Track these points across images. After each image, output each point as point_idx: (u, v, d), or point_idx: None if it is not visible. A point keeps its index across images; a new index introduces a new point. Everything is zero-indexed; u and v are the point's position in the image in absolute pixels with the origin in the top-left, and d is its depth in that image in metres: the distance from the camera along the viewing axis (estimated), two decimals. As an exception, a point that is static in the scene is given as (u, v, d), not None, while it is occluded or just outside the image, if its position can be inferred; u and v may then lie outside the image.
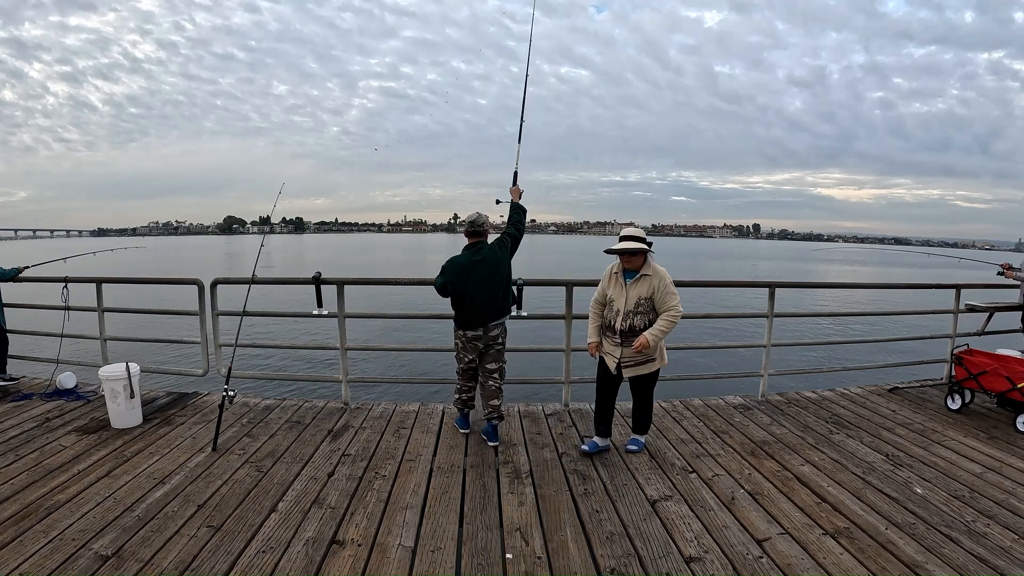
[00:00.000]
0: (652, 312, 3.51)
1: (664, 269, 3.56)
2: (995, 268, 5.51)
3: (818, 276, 43.15)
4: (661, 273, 3.52)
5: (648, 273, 3.51)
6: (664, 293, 3.48)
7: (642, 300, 3.48)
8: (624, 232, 3.54)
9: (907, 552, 2.61)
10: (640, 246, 3.48)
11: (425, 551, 2.59)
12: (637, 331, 3.47)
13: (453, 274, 3.78)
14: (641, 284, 3.51)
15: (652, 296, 3.49)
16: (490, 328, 3.82)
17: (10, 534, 2.62)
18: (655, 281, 3.50)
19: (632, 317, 3.49)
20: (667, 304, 3.48)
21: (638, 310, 3.49)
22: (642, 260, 3.52)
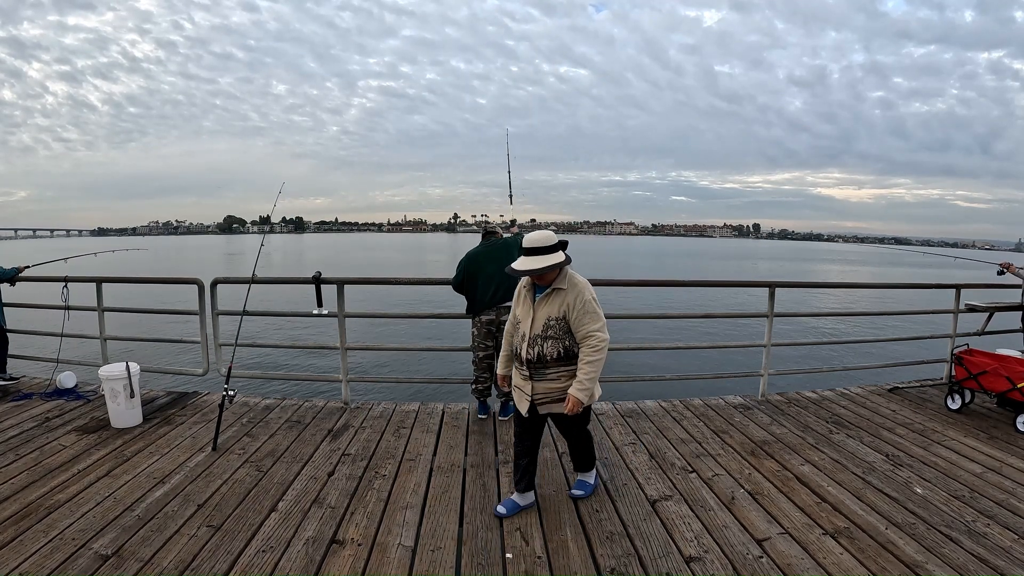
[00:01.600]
0: (567, 336, 2.74)
1: (585, 281, 2.80)
2: (993, 267, 5.50)
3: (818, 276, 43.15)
4: (579, 286, 2.74)
5: (561, 287, 2.74)
6: (581, 313, 2.69)
7: (552, 321, 2.72)
8: (527, 241, 2.75)
9: (907, 552, 2.60)
10: (545, 263, 2.68)
11: (425, 550, 2.59)
12: (548, 361, 2.74)
13: (469, 260, 4.23)
14: (551, 301, 2.74)
15: (566, 316, 2.72)
16: (502, 311, 4.17)
17: (10, 534, 2.62)
18: (569, 297, 2.71)
19: (540, 343, 2.73)
20: (585, 329, 2.69)
21: (547, 334, 2.72)
22: (554, 273, 2.77)
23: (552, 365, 2.75)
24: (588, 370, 2.69)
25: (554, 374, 2.76)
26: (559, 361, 2.74)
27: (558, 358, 2.74)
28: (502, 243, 4.29)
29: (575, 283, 2.76)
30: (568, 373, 2.75)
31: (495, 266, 4.12)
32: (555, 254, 2.72)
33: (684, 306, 16.30)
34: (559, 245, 2.76)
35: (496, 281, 4.14)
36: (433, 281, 5.62)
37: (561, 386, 2.75)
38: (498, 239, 4.35)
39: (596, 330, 2.71)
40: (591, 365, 2.69)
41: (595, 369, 2.70)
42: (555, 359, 2.74)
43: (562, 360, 2.74)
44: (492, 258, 4.17)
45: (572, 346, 2.75)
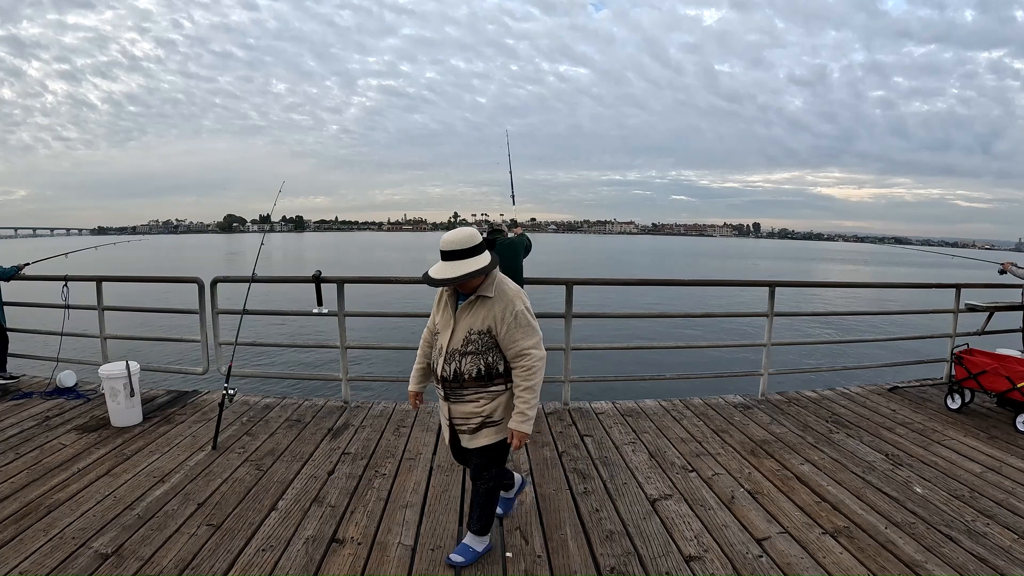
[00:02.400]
0: (491, 352, 2.30)
1: (518, 289, 2.38)
2: (992, 267, 5.50)
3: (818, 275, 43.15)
4: (510, 295, 2.31)
5: (487, 295, 2.30)
6: (511, 327, 2.26)
7: (473, 335, 2.30)
8: (443, 243, 2.30)
9: (907, 551, 2.61)
10: (464, 270, 2.24)
11: (425, 549, 2.59)
12: (465, 380, 2.31)
13: None
14: (475, 311, 2.31)
15: (491, 329, 2.29)
16: None
17: (10, 532, 2.62)
18: (497, 308, 2.28)
19: (459, 360, 2.31)
20: (517, 346, 2.27)
21: (467, 349, 2.30)
22: (478, 279, 2.32)
23: (470, 385, 2.32)
24: (527, 397, 2.26)
25: (472, 395, 2.33)
26: (478, 381, 2.32)
27: (478, 377, 2.31)
28: (507, 242, 4.38)
29: (505, 291, 2.31)
30: (489, 395, 2.32)
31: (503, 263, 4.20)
32: (477, 258, 2.28)
33: (684, 305, 16.30)
34: (483, 246, 2.34)
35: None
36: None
37: (479, 410, 2.33)
38: (504, 238, 4.43)
39: (531, 347, 2.28)
40: (530, 391, 2.26)
41: (534, 396, 2.28)
42: (474, 378, 2.31)
43: (482, 380, 2.31)
44: (499, 255, 4.26)
45: (496, 363, 2.31)
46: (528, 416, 2.29)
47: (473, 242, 2.29)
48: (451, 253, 2.27)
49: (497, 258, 2.38)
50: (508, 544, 2.64)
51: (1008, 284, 5.46)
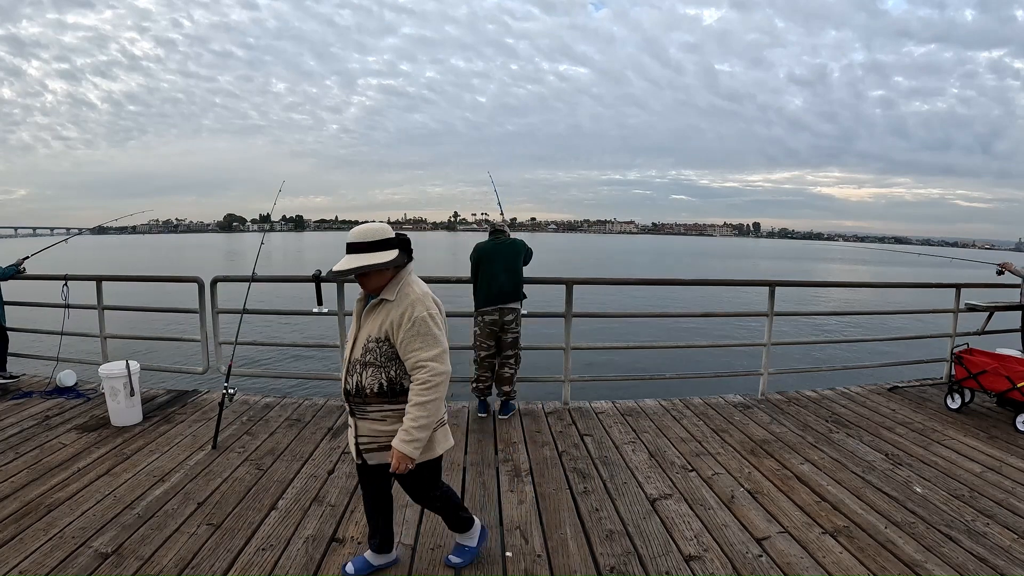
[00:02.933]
0: (393, 365, 2.09)
1: (425, 292, 2.15)
2: (990, 267, 5.49)
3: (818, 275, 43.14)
4: (412, 298, 2.08)
5: (388, 298, 2.10)
6: (409, 334, 2.04)
7: (371, 343, 2.09)
8: (350, 235, 2.13)
9: (906, 551, 2.61)
10: (362, 262, 2.06)
11: (425, 549, 2.59)
12: (367, 395, 2.11)
13: (478, 253, 4.35)
14: (376, 316, 2.12)
15: (389, 337, 2.08)
16: (505, 311, 4.25)
17: (10, 532, 2.62)
18: (395, 312, 2.07)
19: (359, 371, 2.11)
20: (414, 357, 2.05)
21: (367, 360, 2.10)
22: (385, 277, 2.12)
23: (373, 401, 2.10)
24: (417, 415, 2.02)
25: (376, 412, 2.11)
26: (382, 397, 2.09)
27: (380, 393, 2.09)
28: (509, 242, 4.39)
29: (407, 294, 2.09)
30: (396, 414, 2.10)
31: (499, 264, 4.25)
32: (380, 253, 2.08)
33: (684, 305, 16.29)
34: (393, 243, 2.13)
35: (499, 280, 4.23)
36: (433, 280, 5.62)
37: (387, 429, 2.11)
38: (506, 238, 4.43)
39: (429, 359, 2.03)
40: (421, 408, 2.02)
41: (427, 413, 2.03)
42: (376, 394, 2.09)
43: (385, 396, 2.09)
44: (498, 254, 4.30)
45: (400, 378, 2.09)
46: (413, 436, 2.02)
47: (379, 236, 2.10)
48: (354, 245, 2.09)
49: (405, 258, 2.15)
50: (508, 544, 2.65)
51: (1008, 284, 5.46)
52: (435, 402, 2.05)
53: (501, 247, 4.34)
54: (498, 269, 4.25)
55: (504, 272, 4.25)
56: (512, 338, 4.33)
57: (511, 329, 4.30)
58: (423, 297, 2.11)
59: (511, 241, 4.40)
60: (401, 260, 2.13)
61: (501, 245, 4.36)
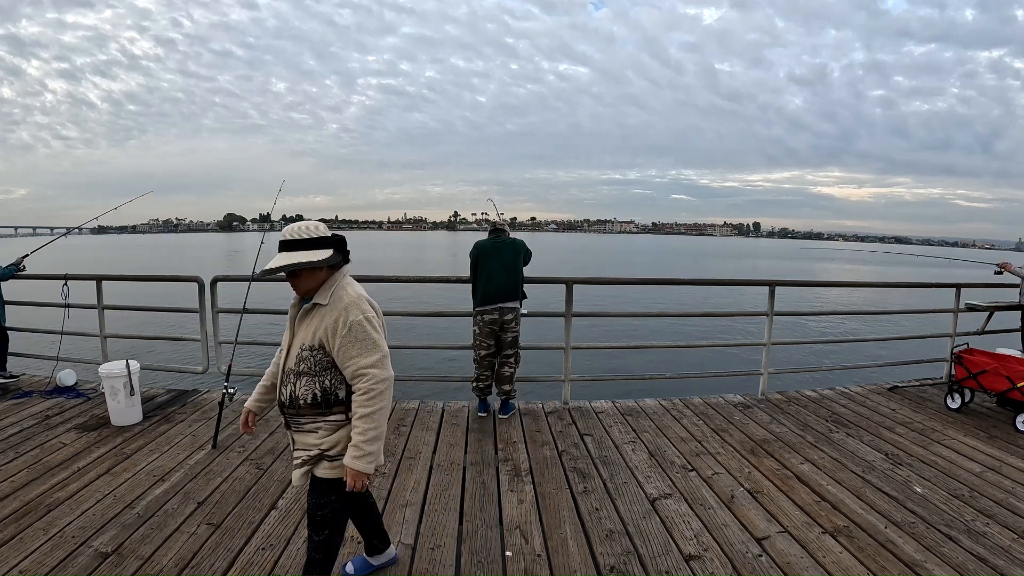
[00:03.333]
0: (329, 374, 1.94)
1: (360, 295, 1.99)
2: (988, 267, 5.49)
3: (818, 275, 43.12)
4: (347, 302, 1.93)
5: (321, 302, 1.95)
6: (345, 341, 1.89)
7: (305, 351, 1.94)
8: (283, 232, 1.99)
9: (906, 551, 2.61)
10: (291, 260, 1.91)
11: (425, 548, 2.59)
12: (300, 406, 1.95)
13: (479, 250, 4.36)
14: (309, 322, 1.97)
15: (323, 344, 1.92)
16: (504, 311, 4.25)
17: (10, 531, 2.62)
18: (329, 318, 1.92)
19: (293, 381, 1.96)
20: (353, 364, 1.89)
21: (300, 369, 1.95)
22: (318, 279, 1.98)
23: (306, 413, 1.95)
24: (365, 428, 1.87)
25: (310, 424, 1.97)
26: (315, 408, 1.94)
27: (314, 403, 1.94)
28: (509, 241, 4.39)
29: (342, 297, 1.94)
30: (329, 426, 1.95)
31: (498, 263, 4.26)
32: (315, 251, 1.93)
33: (684, 305, 16.29)
34: (328, 242, 1.98)
35: (497, 279, 4.23)
36: (433, 279, 5.62)
37: (319, 442, 1.96)
38: (505, 237, 4.43)
39: (368, 365, 1.88)
40: (368, 420, 1.87)
41: (375, 425, 1.89)
42: (309, 405, 1.94)
43: (319, 406, 1.94)
44: (497, 253, 4.31)
45: (335, 388, 1.94)
46: (365, 451, 1.88)
47: (314, 233, 1.96)
48: (287, 243, 1.94)
49: (339, 259, 2.01)
50: (508, 543, 2.64)
51: (1008, 284, 5.46)
52: (382, 411, 1.90)
53: (500, 246, 4.34)
54: (497, 268, 4.26)
55: (503, 271, 4.26)
56: (512, 337, 4.33)
57: (510, 328, 4.30)
58: (357, 300, 1.96)
59: (511, 240, 4.40)
60: (335, 260, 1.98)
61: (500, 244, 4.36)
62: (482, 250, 4.35)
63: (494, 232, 4.46)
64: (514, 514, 2.91)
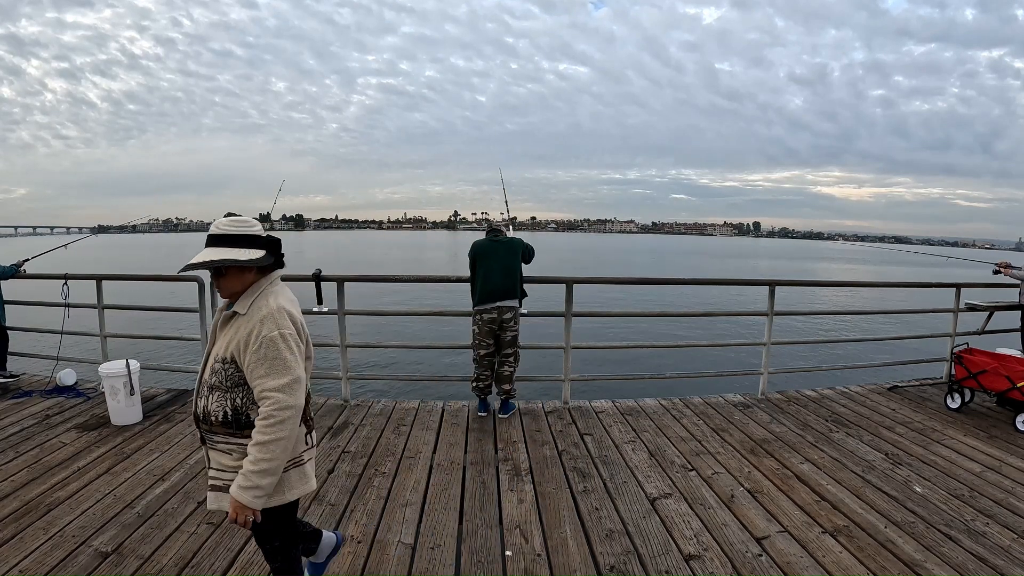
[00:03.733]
0: (240, 391, 1.74)
1: (280, 308, 1.75)
2: (988, 267, 5.48)
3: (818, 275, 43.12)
4: (265, 312, 1.73)
5: (240, 311, 1.76)
6: (256, 357, 1.70)
7: (217, 363, 1.76)
8: (213, 226, 1.82)
9: (906, 551, 2.61)
10: (214, 256, 1.74)
11: (425, 548, 2.59)
12: (212, 423, 1.76)
13: (477, 250, 4.38)
14: (227, 331, 1.78)
15: (235, 358, 1.73)
16: (504, 310, 4.25)
17: (10, 531, 2.62)
18: (244, 330, 1.73)
19: (207, 395, 1.77)
20: (260, 385, 1.69)
21: (213, 381, 1.76)
22: (245, 281, 1.79)
23: (219, 431, 1.76)
24: (257, 456, 1.67)
25: (223, 444, 1.77)
26: (227, 427, 1.75)
27: (225, 422, 1.74)
28: (507, 240, 4.40)
29: (261, 307, 1.74)
30: (241, 449, 1.74)
31: (495, 262, 4.26)
32: (244, 250, 1.75)
33: (684, 304, 16.31)
34: (259, 242, 1.79)
35: (494, 278, 4.24)
36: (433, 279, 5.62)
37: (235, 464, 1.75)
38: (503, 236, 4.44)
39: (274, 389, 1.68)
40: (263, 449, 1.66)
41: (270, 456, 1.66)
42: (221, 423, 1.75)
43: (230, 426, 1.74)
44: (494, 253, 4.32)
45: (246, 407, 1.74)
46: (252, 483, 1.66)
47: (246, 230, 1.78)
48: (215, 237, 1.77)
49: (270, 261, 1.81)
50: (508, 543, 2.65)
51: (1008, 284, 5.46)
52: (280, 442, 1.67)
53: (498, 245, 4.35)
54: (495, 267, 4.27)
55: (500, 270, 4.27)
56: (511, 336, 4.33)
57: (510, 327, 4.30)
58: (276, 313, 1.73)
59: (508, 240, 4.41)
60: (267, 262, 1.79)
61: (498, 243, 4.36)
62: (480, 250, 4.36)
63: (492, 232, 4.47)
64: (514, 514, 2.91)
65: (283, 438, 1.68)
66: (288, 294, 1.87)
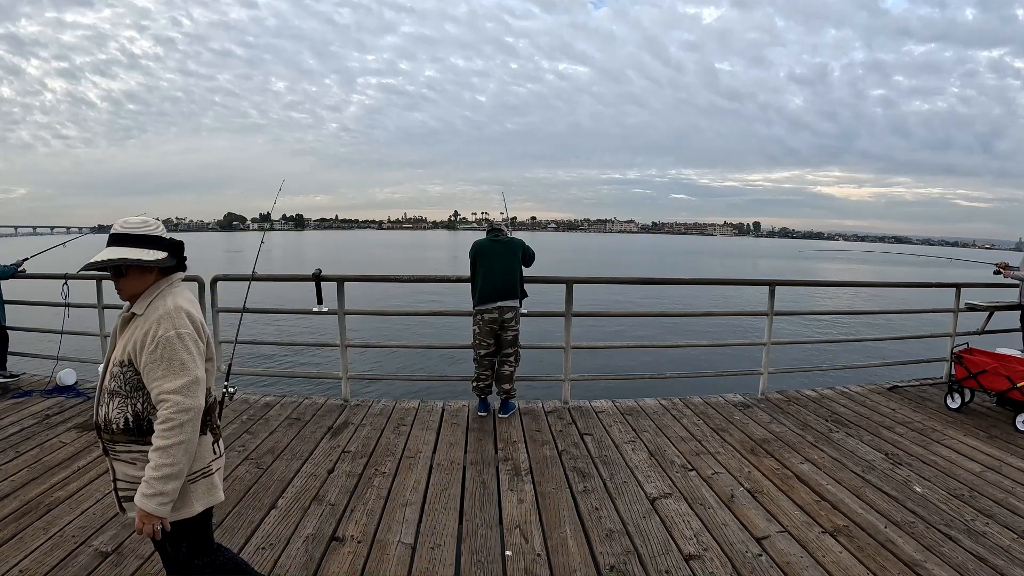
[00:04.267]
0: (140, 396, 1.68)
1: (178, 307, 1.70)
2: (988, 266, 5.48)
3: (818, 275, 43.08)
4: (162, 312, 1.67)
5: (137, 311, 1.70)
6: (151, 358, 1.64)
7: (115, 367, 1.70)
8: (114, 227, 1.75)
9: (906, 551, 2.61)
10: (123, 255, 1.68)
11: (425, 548, 2.59)
12: (114, 431, 1.68)
13: (477, 250, 4.39)
14: (125, 334, 1.72)
15: (132, 361, 1.67)
16: (504, 310, 4.26)
17: (10, 531, 2.62)
18: (140, 331, 1.67)
19: (107, 402, 1.70)
20: (156, 387, 1.63)
21: (113, 387, 1.69)
22: (144, 283, 1.73)
23: (121, 439, 1.69)
24: (158, 462, 1.60)
25: (126, 453, 1.70)
26: (128, 435, 1.68)
27: (126, 429, 1.67)
28: (507, 240, 4.41)
29: (158, 307, 1.68)
30: (146, 457, 1.65)
31: (495, 262, 4.27)
32: (145, 250, 1.70)
33: (684, 304, 16.30)
34: (164, 244, 1.74)
35: (494, 277, 4.25)
36: (433, 279, 5.62)
37: (140, 474, 1.66)
38: (504, 236, 4.44)
39: (171, 391, 1.62)
40: (163, 455, 1.60)
41: (171, 461, 1.60)
42: (122, 430, 1.67)
43: (132, 433, 1.68)
44: (494, 253, 4.33)
45: (148, 412, 1.67)
46: (156, 489, 1.59)
47: (147, 230, 1.73)
48: (116, 236, 1.71)
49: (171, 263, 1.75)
50: (508, 543, 2.65)
51: (1008, 284, 5.46)
52: (181, 446, 1.61)
53: (498, 245, 4.36)
54: (494, 267, 4.27)
55: (500, 270, 4.27)
56: (511, 336, 4.33)
57: (510, 327, 4.30)
58: (173, 312, 1.67)
59: (508, 240, 4.41)
60: (168, 263, 1.74)
61: (498, 243, 4.37)
62: (480, 249, 4.37)
63: (492, 232, 4.47)
64: (514, 513, 2.91)
65: (183, 441, 1.62)
66: (188, 295, 1.80)
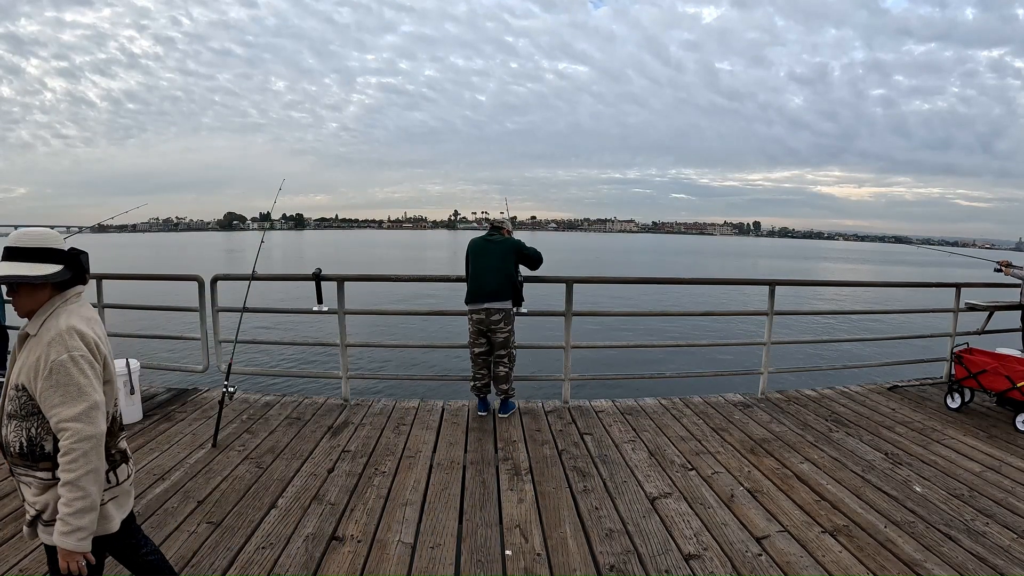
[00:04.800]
0: (35, 420, 1.57)
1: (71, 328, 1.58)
2: (988, 266, 5.48)
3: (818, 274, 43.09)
4: (52, 334, 1.56)
5: (31, 332, 1.60)
6: (47, 384, 1.53)
7: (12, 389, 1.59)
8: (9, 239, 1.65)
9: (906, 550, 2.61)
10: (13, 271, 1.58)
11: (425, 547, 2.59)
12: (12, 454, 1.60)
13: (470, 248, 4.38)
14: (22, 355, 1.61)
15: (27, 386, 1.56)
16: (491, 312, 4.19)
17: (10, 531, 2.62)
18: (34, 354, 1.56)
19: (6, 424, 1.61)
20: (55, 415, 1.53)
21: (9, 409, 1.59)
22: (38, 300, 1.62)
23: (18, 462, 1.60)
24: (70, 497, 1.51)
25: (25, 477, 1.61)
26: (24, 459, 1.59)
27: (22, 453, 1.58)
28: (501, 240, 4.34)
29: (50, 328, 1.58)
30: (39, 483, 1.59)
31: (487, 262, 4.24)
32: (37, 264, 1.60)
33: (684, 304, 16.30)
34: (59, 256, 1.63)
35: (483, 278, 4.22)
36: (433, 278, 5.63)
37: (33, 500, 1.61)
38: (499, 236, 4.38)
39: (70, 418, 1.52)
40: (73, 489, 1.51)
41: (83, 494, 1.52)
42: (19, 453, 1.58)
43: (27, 458, 1.58)
44: (487, 252, 4.29)
45: (41, 438, 1.57)
46: (72, 526, 1.51)
47: (42, 243, 1.62)
48: (10, 250, 1.62)
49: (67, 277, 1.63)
50: (507, 542, 2.65)
51: (1008, 284, 5.46)
52: (89, 476, 1.52)
53: (491, 245, 4.30)
54: (485, 267, 4.22)
55: (491, 271, 4.20)
56: (501, 338, 4.26)
57: (499, 329, 4.22)
58: (65, 334, 1.56)
59: (503, 240, 4.34)
60: (62, 278, 1.61)
61: (492, 243, 4.31)
62: (473, 249, 4.34)
63: (491, 230, 4.44)
64: (514, 513, 2.91)
65: (92, 471, 1.54)
66: (84, 312, 1.68)
